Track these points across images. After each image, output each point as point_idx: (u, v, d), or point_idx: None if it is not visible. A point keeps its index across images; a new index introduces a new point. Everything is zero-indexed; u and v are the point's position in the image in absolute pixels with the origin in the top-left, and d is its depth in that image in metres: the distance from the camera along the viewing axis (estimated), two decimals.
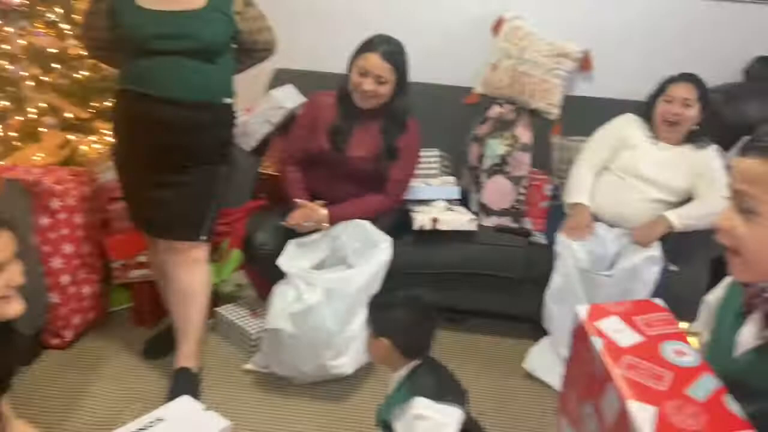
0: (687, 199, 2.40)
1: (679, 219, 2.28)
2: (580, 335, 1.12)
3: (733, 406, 0.93)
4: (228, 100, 2.02)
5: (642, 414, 0.92)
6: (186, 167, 1.97)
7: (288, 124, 2.60)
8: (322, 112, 2.34)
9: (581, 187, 2.45)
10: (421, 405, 1.41)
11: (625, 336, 1.06)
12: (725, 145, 2.65)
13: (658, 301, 1.14)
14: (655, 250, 2.25)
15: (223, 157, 2.04)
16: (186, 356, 2.10)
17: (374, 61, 2.19)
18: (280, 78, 2.91)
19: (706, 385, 0.95)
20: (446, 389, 1.47)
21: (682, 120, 2.38)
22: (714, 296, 1.12)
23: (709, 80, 2.63)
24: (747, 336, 0.98)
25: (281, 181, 2.40)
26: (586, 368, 1.09)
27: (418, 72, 2.90)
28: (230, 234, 2.46)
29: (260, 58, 2.18)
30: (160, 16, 1.87)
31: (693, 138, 2.42)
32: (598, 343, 1.05)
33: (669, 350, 1.02)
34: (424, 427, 1.39)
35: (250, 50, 2.11)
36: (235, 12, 1.95)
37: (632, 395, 0.95)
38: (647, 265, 2.21)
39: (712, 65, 2.87)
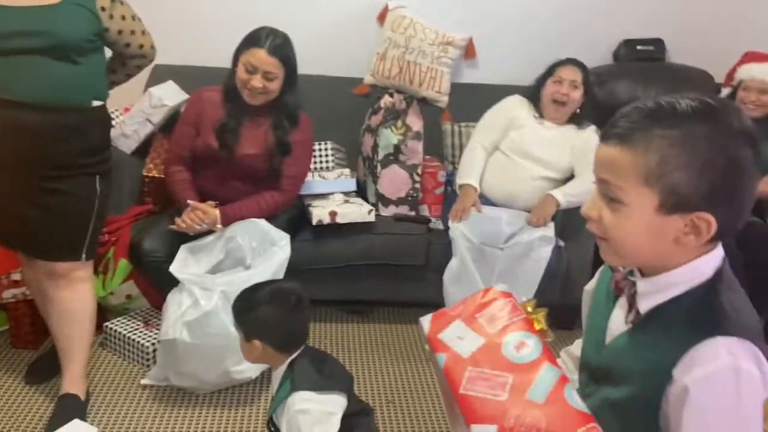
0: (571, 177, 2.53)
1: (564, 197, 2.40)
2: (431, 350, 1.05)
3: (573, 400, 0.90)
4: (98, 102, 1.86)
5: None
6: (58, 179, 1.80)
7: (170, 122, 2.47)
8: (208, 108, 2.24)
9: (471, 169, 2.52)
10: (302, 398, 1.38)
11: (468, 343, 1.00)
12: (600, 126, 2.82)
13: (501, 287, 1.08)
14: (549, 231, 2.35)
15: (99, 165, 1.88)
16: (71, 381, 1.95)
17: (262, 56, 2.12)
18: (159, 74, 2.75)
19: (545, 382, 0.92)
20: (328, 377, 1.44)
21: (569, 101, 2.51)
22: (591, 285, 1.11)
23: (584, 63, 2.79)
24: (616, 321, 0.97)
25: (167, 183, 2.27)
26: (444, 388, 1.02)
27: (306, 64, 2.85)
28: (115, 243, 2.30)
29: (135, 66, 2.01)
30: (12, 12, 1.69)
31: (575, 119, 2.56)
32: (441, 359, 1.00)
33: (510, 346, 0.97)
34: (306, 421, 1.36)
35: (122, 55, 1.94)
36: (100, 8, 1.80)
37: (474, 418, 0.91)
38: (540, 243, 2.31)
39: (584, 48, 3.04)
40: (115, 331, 2.26)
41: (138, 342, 2.20)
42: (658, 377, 0.85)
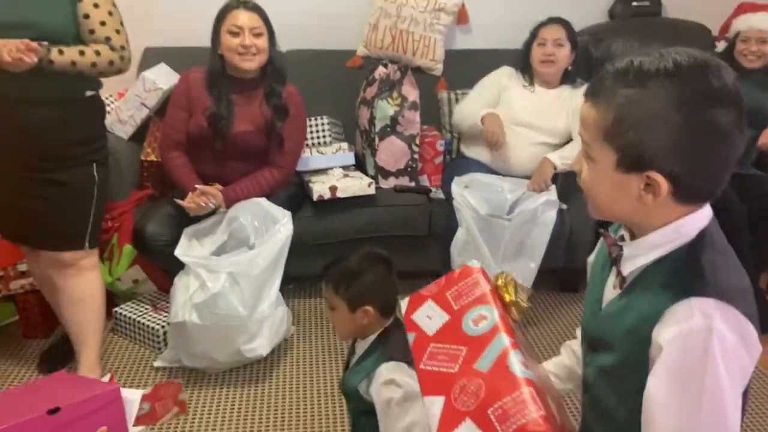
0: (569, 140, 2.52)
1: (561, 159, 2.39)
2: (406, 330, 1.10)
3: (514, 367, 0.90)
4: (90, 92, 1.85)
5: (432, 408, 0.92)
6: (55, 170, 1.80)
7: (165, 106, 2.45)
8: (196, 90, 2.22)
9: (478, 107, 2.50)
10: (395, 368, 1.35)
11: (434, 321, 1.04)
12: None
13: (474, 263, 1.10)
14: (552, 194, 2.35)
15: (95, 153, 1.87)
16: (87, 367, 1.98)
17: (242, 15, 2.13)
18: (151, 57, 2.73)
19: (492, 352, 0.93)
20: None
21: (556, 59, 2.48)
22: (592, 256, 1.12)
23: (578, 23, 2.75)
24: (609, 289, 0.97)
25: (166, 169, 2.27)
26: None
27: (297, 39, 2.84)
28: (119, 229, 2.31)
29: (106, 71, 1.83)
30: None
31: (567, 79, 2.54)
32: (410, 338, 1.05)
33: (469, 321, 0.99)
34: (398, 394, 1.32)
35: (84, 44, 1.79)
36: None
37: (426, 390, 0.95)
38: (545, 208, 2.31)
39: (579, 7, 3.01)
40: (125, 316, 2.28)
41: (148, 326, 2.22)
42: (641, 340, 0.85)
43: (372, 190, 2.42)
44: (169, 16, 2.84)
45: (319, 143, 2.68)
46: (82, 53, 1.73)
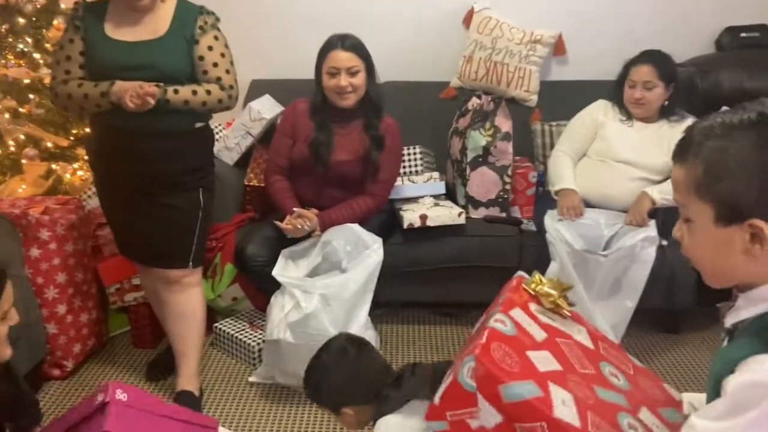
0: (669, 176, 2.43)
1: (660, 194, 2.31)
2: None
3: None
4: (200, 124, 2.00)
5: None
6: (165, 195, 1.95)
7: (268, 134, 2.60)
8: (301, 119, 2.35)
9: (563, 174, 2.47)
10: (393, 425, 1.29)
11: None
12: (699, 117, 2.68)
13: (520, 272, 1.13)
14: (652, 230, 2.25)
15: (202, 180, 2.02)
16: (186, 379, 2.10)
17: (340, 55, 2.22)
18: (257, 89, 2.91)
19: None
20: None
21: (646, 102, 2.40)
22: None
23: (682, 54, 2.67)
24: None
25: (268, 192, 2.40)
26: None
27: (393, 71, 2.93)
28: (222, 248, 2.46)
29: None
30: (123, 47, 1.86)
31: (666, 113, 2.44)
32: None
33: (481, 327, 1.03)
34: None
35: (198, 83, 1.92)
36: (194, 40, 1.89)
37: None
38: (644, 245, 2.22)
39: (684, 39, 2.93)
40: (224, 331, 2.42)
41: (245, 342, 2.34)
42: (719, 390, 0.82)
43: (462, 220, 2.44)
44: (274, 50, 3.03)
45: (411, 172, 2.74)
46: (194, 93, 1.89)
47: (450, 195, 2.65)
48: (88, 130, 2.51)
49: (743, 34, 2.93)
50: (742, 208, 0.81)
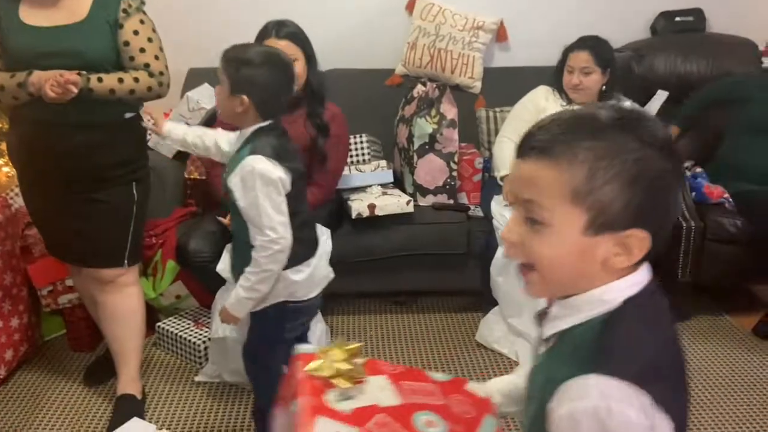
0: None
1: None
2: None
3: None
4: (130, 114, 1.88)
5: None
6: (95, 191, 1.84)
7: (209, 124, 2.51)
8: None
9: (507, 160, 2.48)
10: (258, 160, 1.46)
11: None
12: (641, 101, 2.75)
13: (304, 348, 1.03)
14: None
15: (135, 173, 1.91)
16: (126, 382, 2.01)
17: (275, 44, 2.14)
18: (194, 78, 2.80)
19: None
20: (284, 154, 1.51)
21: (584, 87, 2.42)
22: None
23: (619, 38, 2.72)
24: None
25: (210, 184, 2.31)
26: None
27: (337, 58, 2.87)
28: (162, 245, 2.36)
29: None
30: (40, 33, 1.73)
31: (604, 98, 2.47)
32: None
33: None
34: (257, 182, 1.45)
35: (124, 69, 1.82)
36: (118, 23, 1.77)
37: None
38: None
39: (620, 24, 2.98)
40: (167, 330, 2.32)
41: (189, 341, 2.26)
42: (542, 407, 0.76)
43: (410, 208, 2.42)
44: (212, 38, 2.89)
45: (358, 161, 2.70)
46: (120, 80, 1.77)
47: (398, 183, 2.63)
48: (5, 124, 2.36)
49: (678, 19, 3.01)
50: (620, 217, 0.73)
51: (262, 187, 1.46)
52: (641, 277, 0.78)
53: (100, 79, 1.74)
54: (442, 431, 0.90)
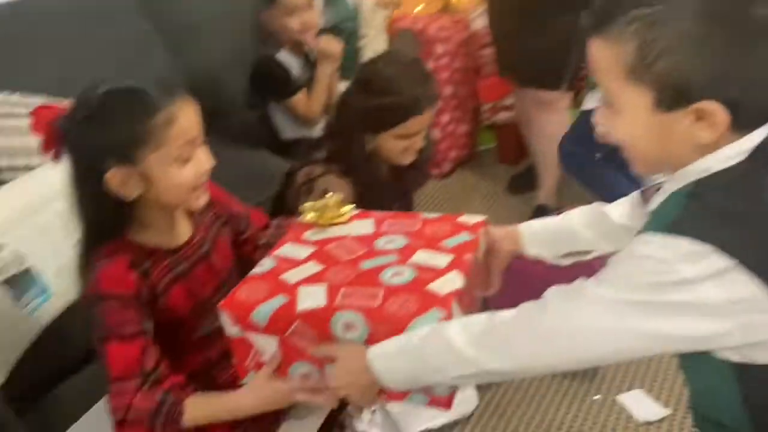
0: None
1: None
2: None
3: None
4: None
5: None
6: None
7: None
8: None
9: None
10: None
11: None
12: None
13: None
14: None
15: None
16: (546, 194, 2.27)
17: None
18: None
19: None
20: None
21: None
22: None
23: None
24: None
25: None
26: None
27: None
28: None
29: None
30: None
31: None
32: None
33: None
34: None
35: None
36: None
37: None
38: None
39: None
40: None
41: None
42: None
43: None
44: None
45: None
46: None
47: None
48: None
49: None
50: (690, 88, 0.66)
51: None
52: (748, 144, 0.69)
53: None
54: (397, 244, 0.97)
